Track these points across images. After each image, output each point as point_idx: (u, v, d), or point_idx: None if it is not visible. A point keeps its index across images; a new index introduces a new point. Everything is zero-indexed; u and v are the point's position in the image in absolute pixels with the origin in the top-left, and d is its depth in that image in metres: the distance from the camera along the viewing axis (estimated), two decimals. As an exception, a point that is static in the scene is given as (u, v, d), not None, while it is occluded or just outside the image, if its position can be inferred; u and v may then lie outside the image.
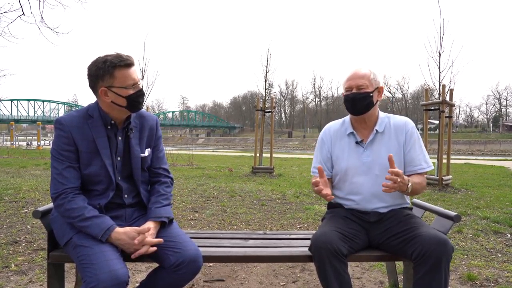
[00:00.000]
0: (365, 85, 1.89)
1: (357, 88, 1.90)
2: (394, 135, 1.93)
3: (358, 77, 1.91)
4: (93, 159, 1.65)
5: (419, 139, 1.95)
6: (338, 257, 1.64)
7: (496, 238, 3.63)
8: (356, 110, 1.92)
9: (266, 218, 4.40)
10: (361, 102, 1.89)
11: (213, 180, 7.86)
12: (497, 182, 8.04)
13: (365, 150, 1.94)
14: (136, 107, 1.69)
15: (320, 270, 1.67)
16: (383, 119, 1.98)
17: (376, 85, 1.93)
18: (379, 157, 1.91)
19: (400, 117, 2.01)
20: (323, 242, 1.66)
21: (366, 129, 1.98)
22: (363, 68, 1.94)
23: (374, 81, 1.92)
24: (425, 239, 1.62)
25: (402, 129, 1.94)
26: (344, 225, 1.84)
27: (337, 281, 1.62)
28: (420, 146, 1.94)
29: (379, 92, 1.95)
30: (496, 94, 73.36)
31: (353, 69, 1.96)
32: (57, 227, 1.67)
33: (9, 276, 2.54)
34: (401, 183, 1.69)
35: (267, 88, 10.21)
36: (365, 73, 1.91)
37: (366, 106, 1.90)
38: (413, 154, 1.91)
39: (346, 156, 1.97)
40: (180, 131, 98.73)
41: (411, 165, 1.91)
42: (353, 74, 1.93)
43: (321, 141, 2.08)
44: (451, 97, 7.23)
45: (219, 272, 2.75)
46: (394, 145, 1.92)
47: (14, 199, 5.08)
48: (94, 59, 1.65)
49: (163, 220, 1.70)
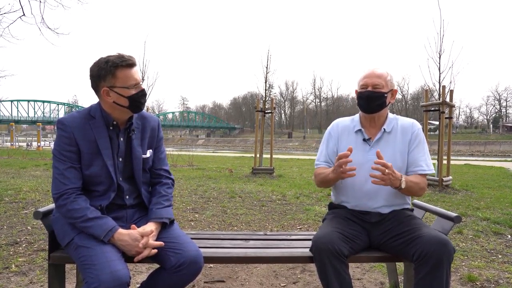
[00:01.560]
0: (381, 84, 1.92)
1: (373, 87, 1.92)
2: (400, 136, 1.96)
3: (375, 76, 1.93)
4: (94, 159, 1.65)
5: (424, 142, 1.97)
6: (339, 257, 1.64)
7: (496, 239, 3.63)
8: (369, 108, 1.94)
9: (266, 219, 4.40)
10: (375, 101, 1.91)
11: (213, 181, 7.86)
12: (497, 183, 8.04)
13: (372, 148, 1.95)
14: (138, 107, 1.70)
15: (321, 271, 1.67)
16: (391, 120, 2.00)
17: (391, 87, 1.96)
18: (384, 156, 1.90)
19: (408, 119, 2.04)
20: (324, 243, 1.66)
21: (374, 128, 2.00)
22: (380, 68, 1.96)
23: (390, 82, 1.95)
24: (426, 240, 1.63)
25: (409, 130, 1.96)
26: (345, 226, 1.85)
27: (337, 282, 1.62)
28: (423, 148, 1.96)
29: (392, 94, 1.98)
30: (496, 95, 73.36)
31: (371, 68, 1.98)
32: (59, 228, 1.67)
33: (10, 277, 2.54)
34: (390, 176, 1.71)
35: (267, 89, 10.24)
36: (382, 73, 1.94)
37: (379, 106, 1.93)
38: (416, 155, 1.93)
39: (353, 151, 1.97)
40: (180, 132, 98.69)
41: (412, 165, 1.93)
42: (371, 72, 1.95)
43: (329, 135, 2.10)
44: (451, 98, 7.24)
45: (220, 273, 2.75)
46: (399, 145, 1.94)
47: (14, 200, 5.08)
48: (96, 59, 1.65)
49: (164, 221, 1.70)
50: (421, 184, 1.89)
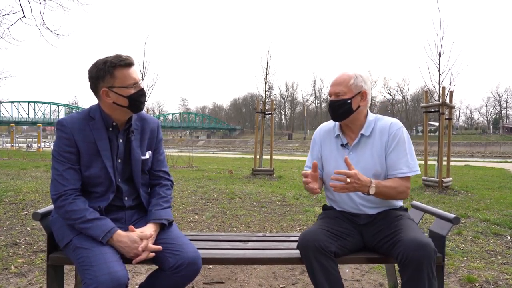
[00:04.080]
0: (342, 92, 1.87)
1: (335, 95, 1.90)
2: (378, 138, 1.89)
3: (336, 84, 1.90)
4: (93, 161, 1.66)
5: (404, 142, 1.86)
6: (325, 253, 1.63)
7: (496, 240, 3.63)
8: (335, 116, 1.93)
9: (266, 220, 4.40)
10: (338, 109, 1.88)
11: (213, 182, 7.86)
12: (497, 184, 8.04)
13: (350, 152, 1.92)
14: (137, 107, 1.70)
15: (308, 268, 1.67)
16: (370, 122, 1.92)
17: (357, 90, 1.88)
18: (362, 161, 1.88)
19: (388, 119, 1.94)
20: (308, 240, 1.67)
21: (353, 133, 1.96)
22: (344, 74, 1.90)
23: (354, 86, 1.87)
24: (406, 243, 1.59)
25: (386, 131, 1.88)
26: (335, 224, 1.84)
27: (325, 278, 1.61)
28: (405, 149, 1.85)
29: (362, 96, 1.90)
30: (496, 96, 73.39)
31: (336, 74, 1.94)
32: (57, 229, 1.67)
33: (9, 278, 2.54)
34: (354, 184, 1.66)
35: (267, 90, 10.23)
36: (344, 79, 1.88)
37: (343, 113, 1.88)
38: (394, 158, 1.84)
39: (333, 157, 1.97)
40: (180, 133, 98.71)
41: (391, 168, 1.85)
42: (333, 80, 1.93)
43: (313, 141, 2.10)
44: (451, 99, 7.24)
45: (219, 274, 2.75)
46: (377, 148, 1.88)
47: (14, 201, 5.09)
48: (95, 61, 1.66)
49: (163, 222, 1.70)
50: (400, 188, 1.80)
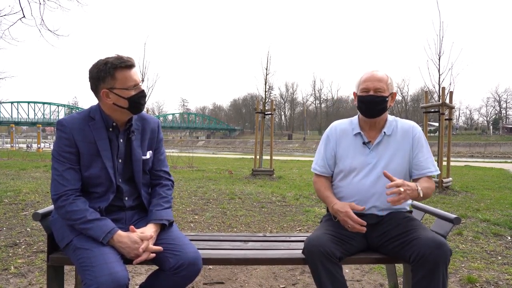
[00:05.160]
0: (383, 88, 1.88)
1: (375, 91, 1.88)
2: (400, 139, 1.94)
3: (377, 80, 1.89)
4: (93, 161, 1.65)
5: (426, 144, 1.95)
6: (331, 259, 1.64)
7: (496, 240, 3.63)
8: (370, 113, 1.91)
9: (266, 221, 4.40)
10: (378, 105, 1.88)
11: (213, 182, 7.86)
12: (497, 185, 8.04)
13: (371, 151, 1.93)
14: (137, 108, 1.70)
15: (314, 273, 1.67)
16: (391, 122, 1.98)
17: (391, 90, 1.93)
18: (384, 159, 1.91)
19: (407, 121, 2.01)
20: (314, 246, 1.67)
21: (374, 131, 1.97)
22: (380, 71, 1.93)
23: (390, 85, 1.92)
24: (422, 242, 1.62)
25: (409, 134, 1.94)
26: (339, 228, 1.84)
27: (331, 283, 1.61)
28: (428, 150, 1.95)
29: (392, 97, 1.95)
30: (496, 97, 73.40)
31: (371, 71, 1.94)
32: (57, 230, 1.67)
33: (9, 278, 2.54)
34: (407, 191, 1.67)
35: (267, 90, 10.24)
36: (383, 77, 1.91)
37: (381, 110, 1.90)
38: (421, 158, 1.92)
39: (351, 155, 1.96)
40: (180, 134, 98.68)
41: (419, 168, 1.91)
42: (372, 75, 1.91)
43: (326, 138, 2.06)
44: (451, 100, 7.24)
45: (219, 274, 2.74)
46: (399, 149, 1.92)
47: (14, 202, 5.08)
48: (95, 62, 1.66)
49: (163, 223, 1.70)
50: (432, 186, 1.88)
